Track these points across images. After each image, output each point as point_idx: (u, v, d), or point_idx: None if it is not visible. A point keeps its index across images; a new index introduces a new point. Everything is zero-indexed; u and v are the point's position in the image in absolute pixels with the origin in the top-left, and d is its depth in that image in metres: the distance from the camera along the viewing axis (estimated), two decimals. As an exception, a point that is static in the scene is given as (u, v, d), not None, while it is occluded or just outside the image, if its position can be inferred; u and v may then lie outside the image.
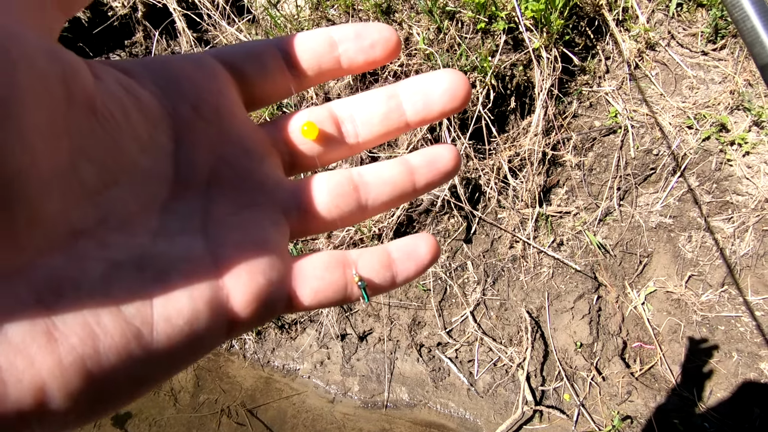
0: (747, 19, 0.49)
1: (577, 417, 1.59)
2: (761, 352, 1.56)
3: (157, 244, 0.20)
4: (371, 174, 0.27)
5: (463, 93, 0.26)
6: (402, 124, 0.27)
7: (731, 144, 1.65)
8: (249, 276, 0.22)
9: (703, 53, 1.71)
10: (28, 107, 0.15)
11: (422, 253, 0.27)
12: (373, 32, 0.26)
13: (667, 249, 1.74)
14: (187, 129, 0.23)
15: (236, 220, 0.23)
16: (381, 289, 0.26)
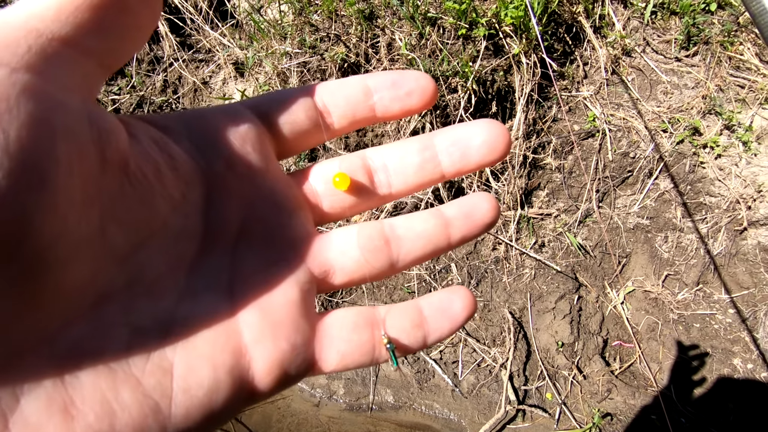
0: (765, 13, 0.48)
1: (559, 415, 1.62)
2: (734, 348, 1.61)
3: (182, 305, 0.20)
4: (404, 227, 0.26)
5: (503, 145, 0.26)
6: (437, 175, 0.26)
7: (704, 147, 1.70)
8: (273, 342, 0.21)
9: (676, 59, 1.77)
10: (62, 176, 0.15)
11: (457, 310, 0.25)
12: (410, 81, 0.25)
13: (645, 249, 1.79)
14: (220, 185, 0.22)
15: (263, 278, 0.23)
16: (410, 350, 0.25)
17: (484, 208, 0.26)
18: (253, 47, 1.79)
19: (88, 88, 0.18)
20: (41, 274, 0.15)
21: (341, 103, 0.25)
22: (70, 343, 0.16)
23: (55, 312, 0.16)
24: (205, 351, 0.19)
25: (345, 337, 0.24)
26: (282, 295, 0.23)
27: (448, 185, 1.81)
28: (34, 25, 0.16)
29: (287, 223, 0.24)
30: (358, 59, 1.73)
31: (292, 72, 1.77)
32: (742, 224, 1.66)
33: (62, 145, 0.15)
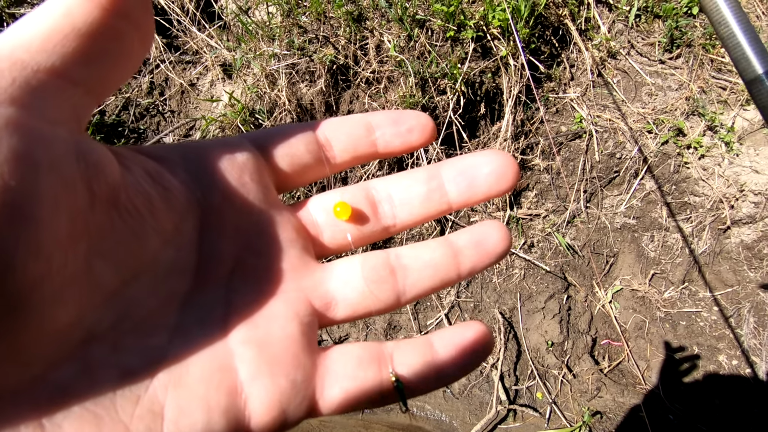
0: (732, 36, 0.50)
1: (550, 414, 1.63)
2: (719, 345, 1.64)
3: (174, 343, 0.19)
4: (410, 257, 0.25)
5: (512, 175, 0.25)
6: (444, 205, 0.26)
7: (688, 147, 1.73)
8: (271, 379, 0.20)
9: (660, 62, 1.80)
10: (47, 213, 0.14)
11: (469, 343, 0.23)
12: (410, 118, 0.25)
13: (632, 249, 1.81)
14: (216, 217, 0.22)
15: (260, 312, 0.22)
16: (422, 391, 0.23)
17: (495, 237, 0.25)
18: (241, 49, 1.78)
19: (76, 119, 0.17)
20: (23, 316, 0.14)
21: (343, 138, 0.25)
22: (52, 389, 0.15)
23: (37, 355, 0.15)
24: (198, 391, 0.18)
25: (349, 374, 0.22)
26: (280, 330, 0.21)
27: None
28: (19, 57, 0.15)
29: (285, 255, 0.24)
30: (347, 61, 1.73)
31: (280, 74, 1.76)
32: (726, 223, 1.69)
33: (47, 181, 0.14)
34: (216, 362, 0.19)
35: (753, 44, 0.50)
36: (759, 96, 0.50)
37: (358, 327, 1.85)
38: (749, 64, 0.50)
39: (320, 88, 1.75)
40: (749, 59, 0.50)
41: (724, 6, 0.50)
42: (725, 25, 0.50)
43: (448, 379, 0.23)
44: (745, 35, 0.50)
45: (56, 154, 0.15)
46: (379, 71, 1.73)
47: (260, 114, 1.79)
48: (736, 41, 0.50)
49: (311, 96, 1.77)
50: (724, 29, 0.51)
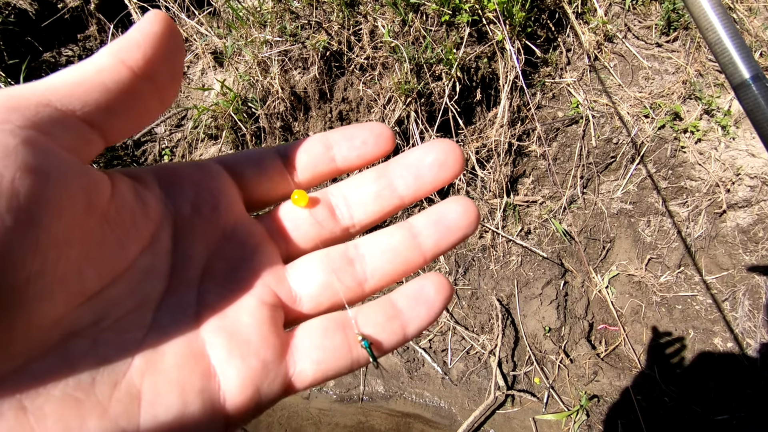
0: (720, 42, 0.51)
1: (547, 399, 1.64)
2: (714, 328, 1.66)
3: (150, 336, 0.20)
4: (368, 245, 0.27)
5: (454, 161, 0.26)
6: (396, 200, 0.27)
7: (684, 132, 1.73)
8: (242, 360, 0.21)
9: (657, 45, 1.78)
10: (49, 218, 0.16)
11: (431, 295, 0.25)
12: (364, 131, 0.27)
13: (628, 234, 1.82)
14: (187, 226, 0.24)
15: (230, 308, 0.23)
16: (392, 345, 0.24)
17: (455, 214, 0.26)
18: (231, 36, 1.74)
19: (86, 153, 0.20)
20: (16, 308, 0.15)
21: (304, 157, 0.27)
22: (35, 376, 0.17)
23: (23, 346, 0.16)
24: (173, 376, 0.20)
25: (317, 345, 0.23)
26: (248, 317, 0.23)
27: (434, 174, 1.80)
28: (47, 97, 0.18)
29: (251, 258, 0.25)
30: (341, 47, 1.70)
31: (273, 61, 1.73)
32: (722, 207, 1.70)
33: (53, 190, 0.17)
34: (189, 350, 0.21)
35: (739, 49, 0.51)
36: (745, 100, 0.51)
37: (355, 316, 1.85)
38: (736, 68, 0.51)
39: (314, 76, 1.73)
40: (736, 64, 0.51)
41: (711, 12, 0.51)
42: (712, 30, 0.51)
43: (416, 330, 0.25)
44: (731, 40, 0.51)
45: (63, 170, 0.17)
46: (373, 57, 1.70)
47: (253, 102, 1.76)
48: (723, 47, 0.51)
49: (305, 83, 1.74)
50: (711, 35, 0.52)
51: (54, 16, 1.85)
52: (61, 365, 0.17)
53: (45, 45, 1.91)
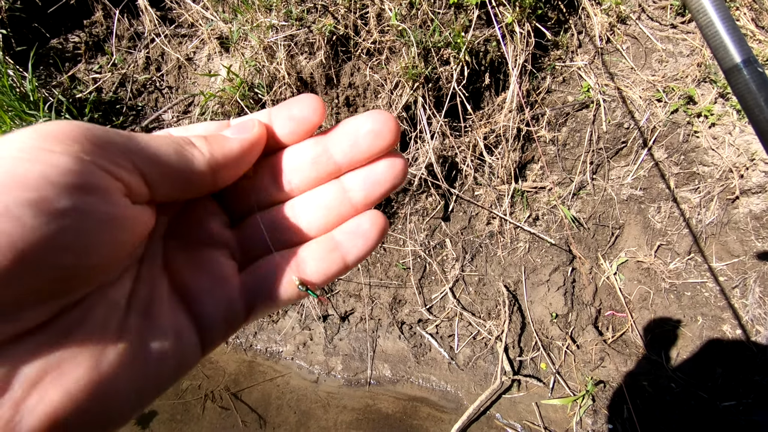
0: (711, 24, 0.50)
1: (553, 384, 1.65)
2: (724, 315, 1.64)
3: (139, 287, 0.25)
4: (304, 203, 0.30)
5: (388, 130, 0.28)
6: (332, 167, 0.29)
7: (698, 116, 1.69)
8: (210, 297, 0.27)
9: (672, 26, 1.73)
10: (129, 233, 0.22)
11: (366, 227, 0.28)
12: (300, 101, 0.30)
13: (638, 220, 1.80)
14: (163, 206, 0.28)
15: (191, 260, 0.28)
16: (333, 273, 0.28)
17: (383, 167, 0.29)
18: (237, 20, 1.73)
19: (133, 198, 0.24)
20: (73, 288, 0.20)
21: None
22: (66, 324, 0.21)
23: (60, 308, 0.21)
24: (160, 314, 0.25)
25: (271, 282, 0.29)
26: (209, 267, 0.28)
27: (441, 161, 1.79)
28: (130, 152, 0.23)
29: (206, 223, 0.30)
30: (347, 31, 1.68)
31: (279, 46, 1.71)
32: (735, 193, 1.67)
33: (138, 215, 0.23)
34: (166, 294, 0.26)
35: (731, 33, 0.50)
36: (736, 84, 0.51)
37: (363, 302, 1.87)
38: (727, 52, 0.50)
39: (320, 60, 1.71)
40: (727, 48, 0.50)
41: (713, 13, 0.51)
42: (704, 13, 0.51)
43: (352, 258, 0.29)
44: (723, 24, 0.50)
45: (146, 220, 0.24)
46: (380, 41, 1.67)
47: (260, 88, 1.75)
48: (715, 30, 0.50)
49: (311, 69, 1.73)
50: (702, 17, 0.51)
51: (60, 2, 1.84)
52: (83, 311, 0.21)
53: (52, 31, 1.91)
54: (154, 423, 1.72)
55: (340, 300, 1.90)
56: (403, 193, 1.86)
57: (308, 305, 1.89)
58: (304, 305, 1.90)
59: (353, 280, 1.89)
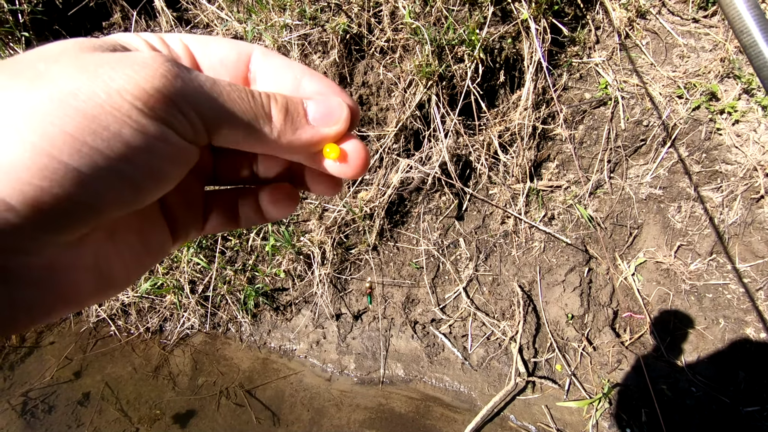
0: (755, 45, 0.49)
1: (569, 386, 1.63)
2: (747, 318, 1.60)
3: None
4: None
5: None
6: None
7: (721, 113, 1.64)
8: (183, 212, 0.30)
9: (694, 20, 1.69)
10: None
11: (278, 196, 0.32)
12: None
13: (657, 220, 1.76)
14: None
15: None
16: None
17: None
18: (251, 20, 1.74)
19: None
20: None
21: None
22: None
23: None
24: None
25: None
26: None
27: (455, 159, 1.78)
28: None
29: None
30: (361, 30, 1.67)
31: (293, 45, 1.72)
32: (759, 192, 1.62)
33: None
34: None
35: (764, 30, 0.49)
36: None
37: (376, 300, 1.86)
38: (759, 50, 0.49)
39: (333, 59, 1.71)
40: (759, 45, 0.49)
41: (746, 14, 0.49)
42: (747, 33, 0.49)
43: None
44: (756, 22, 0.49)
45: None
46: (394, 39, 1.66)
47: (273, 88, 1.76)
48: (758, 50, 0.49)
49: (324, 68, 1.73)
50: (746, 38, 0.50)
51: (80, 4, 1.88)
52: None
53: (72, 33, 1.95)
54: (170, 418, 1.75)
55: (353, 299, 1.91)
56: (417, 192, 1.86)
57: (321, 304, 1.89)
58: (317, 304, 1.90)
59: (366, 279, 1.89)
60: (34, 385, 1.89)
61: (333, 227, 1.86)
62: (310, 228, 1.89)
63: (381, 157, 1.80)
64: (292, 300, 1.95)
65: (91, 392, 1.86)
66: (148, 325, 2.03)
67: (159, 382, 1.87)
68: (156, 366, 1.92)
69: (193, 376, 1.88)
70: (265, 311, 1.99)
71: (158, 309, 2.04)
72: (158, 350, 1.97)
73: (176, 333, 2.00)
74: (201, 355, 1.94)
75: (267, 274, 1.93)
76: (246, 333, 1.98)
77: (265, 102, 0.25)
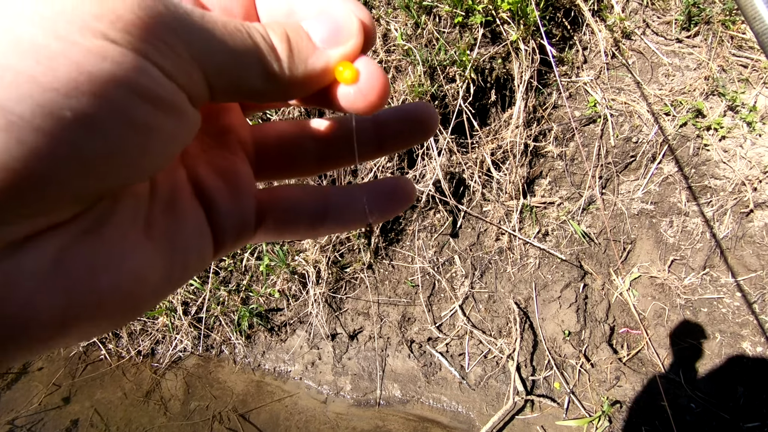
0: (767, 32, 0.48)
1: (568, 404, 1.61)
2: (743, 332, 1.60)
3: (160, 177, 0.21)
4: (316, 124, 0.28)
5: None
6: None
7: (707, 129, 1.68)
8: (225, 200, 0.24)
9: (677, 40, 1.74)
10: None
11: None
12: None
13: (650, 235, 1.77)
14: None
15: (208, 157, 0.25)
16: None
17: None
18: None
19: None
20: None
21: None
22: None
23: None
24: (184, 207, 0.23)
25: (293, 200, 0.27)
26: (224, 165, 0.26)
27: (449, 177, 1.79)
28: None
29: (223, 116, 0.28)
30: (354, 51, 1.71)
31: (287, 67, 1.74)
32: (748, 206, 1.64)
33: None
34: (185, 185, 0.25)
35: None
36: None
37: (372, 319, 1.85)
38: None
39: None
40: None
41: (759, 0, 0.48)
42: (760, 20, 0.48)
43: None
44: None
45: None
46: (386, 61, 1.70)
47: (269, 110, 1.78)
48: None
49: (318, 88, 1.75)
50: (758, 24, 0.48)
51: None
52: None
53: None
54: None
55: (349, 318, 1.89)
56: (411, 210, 1.86)
57: (316, 324, 1.87)
58: (312, 324, 1.88)
59: (362, 297, 1.88)
60: (20, 412, 1.84)
61: (328, 246, 1.85)
62: (305, 247, 1.88)
63: (375, 175, 1.81)
64: (287, 320, 1.93)
65: (79, 419, 1.81)
66: (139, 348, 1.99)
67: (150, 407, 1.82)
68: (147, 390, 1.87)
69: (186, 400, 1.83)
70: (259, 332, 1.96)
71: (150, 331, 2.01)
72: (149, 374, 1.93)
73: (168, 356, 1.96)
74: (193, 379, 1.90)
75: (261, 294, 1.91)
76: (240, 355, 1.95)
77: (264, 33, 0.20)
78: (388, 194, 0.27)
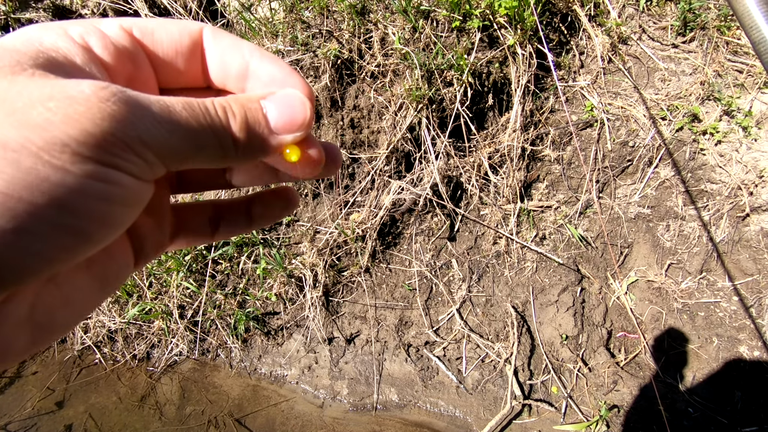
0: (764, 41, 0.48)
1: (566, 409, 1.60)
2: (740, 336, 1.60)
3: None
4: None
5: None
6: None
7: (703, 134, 1.68)
8: (150, 232, 0.28)
9: (673, 46, 1.75)
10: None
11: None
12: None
13: (647, 239, 1.77)
14: None
15: None
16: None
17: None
18: (244, 46, 1.77)
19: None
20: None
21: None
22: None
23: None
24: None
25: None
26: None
27: (446, 181, 1.79)
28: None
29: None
30: (352, 55, 1.71)
31: (284, 70, 1.74)
32: (745, 210, 1.65)
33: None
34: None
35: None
36: None
37: (369, 323, 1.84)
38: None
39: (325, 84, 1.73)
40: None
41: (755, 10, 0.48)
42: (756, 29, 0.48)
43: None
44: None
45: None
46: (384, 64, 1.70)
47: (265, 111, 1.78)
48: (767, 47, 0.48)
49: (316, 92, 1.75)
50: (755, 33, 0.49)
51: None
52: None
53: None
54: (156, 450, 1.69)
55: (346, 322, 1.88)
56: (408, 214, 1.86)
57: (313, 328, 1.86)
58: (309, 328, 1.87)
59: (359, 301, 1.87)
60: (14, 417, 1.82)
61: (325, 249, 1.85)
62: (302, 250, 1.88)
63: (373, 179, 1.81)
64: (284, 324, 1.92)
65: (73, 424, 1.79)
66: (134, 352, 1.97)
67: (145, 412, 1.80)
68: (142, 395, 1.86)
69: (181, 405, 1.82)
70: (255, 336, 1.95)
71: (146, 335, 1.99)
72: (145, 378, 1.92)
73: (164, 360, 1.94)
74: (189, 383, 1.88)
75: (258, 298, 1.90)
76: (236, 359, 1.94)
77: (223, 118, 0.22)
78: (267, 202, 0.30)
